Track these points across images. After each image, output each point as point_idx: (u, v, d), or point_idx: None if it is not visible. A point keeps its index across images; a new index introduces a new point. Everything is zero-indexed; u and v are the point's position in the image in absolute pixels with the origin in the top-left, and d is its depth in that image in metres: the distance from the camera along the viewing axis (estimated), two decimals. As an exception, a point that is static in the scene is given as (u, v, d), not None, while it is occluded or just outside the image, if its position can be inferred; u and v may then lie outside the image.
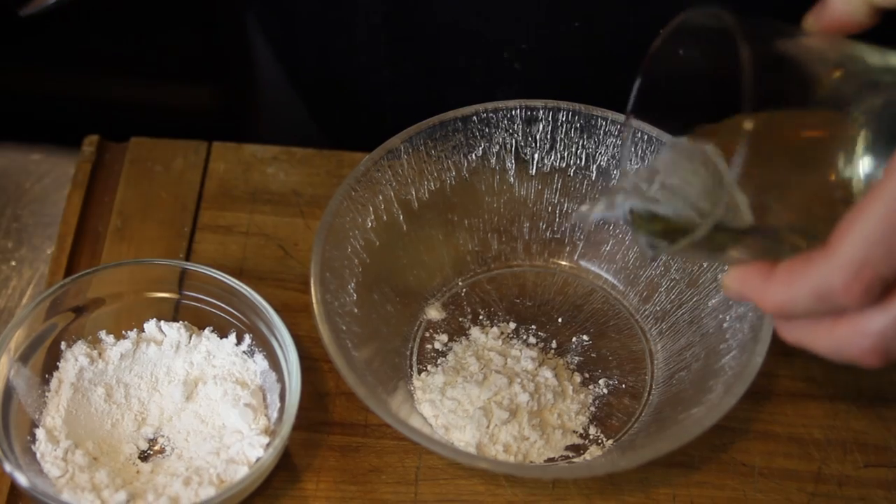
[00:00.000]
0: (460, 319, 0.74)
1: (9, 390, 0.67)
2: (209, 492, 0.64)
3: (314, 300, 0.65)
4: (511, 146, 0.74)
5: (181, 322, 0.71)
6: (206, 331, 0.71)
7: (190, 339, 0.71)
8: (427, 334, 0.73)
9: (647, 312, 0.74)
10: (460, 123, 0.72)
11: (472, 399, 0.69)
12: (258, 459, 0.66)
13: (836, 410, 0.71)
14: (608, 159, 0.73)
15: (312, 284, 0.66)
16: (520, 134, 0.73)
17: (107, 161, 0.81)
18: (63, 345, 0.70)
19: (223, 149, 0.82)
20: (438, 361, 0.72)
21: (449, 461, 0.68)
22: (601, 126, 0.72)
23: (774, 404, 0.71)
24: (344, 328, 0.67)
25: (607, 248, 0.75)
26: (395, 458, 0.69)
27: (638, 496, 0.68)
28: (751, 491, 0.68)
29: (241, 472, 0.65)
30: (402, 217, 0.73)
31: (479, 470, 0.68)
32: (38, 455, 0.66)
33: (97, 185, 0.80)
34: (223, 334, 0.71)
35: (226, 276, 0.70)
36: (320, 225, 0.68)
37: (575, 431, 0.69)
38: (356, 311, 0.69)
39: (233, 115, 0.94)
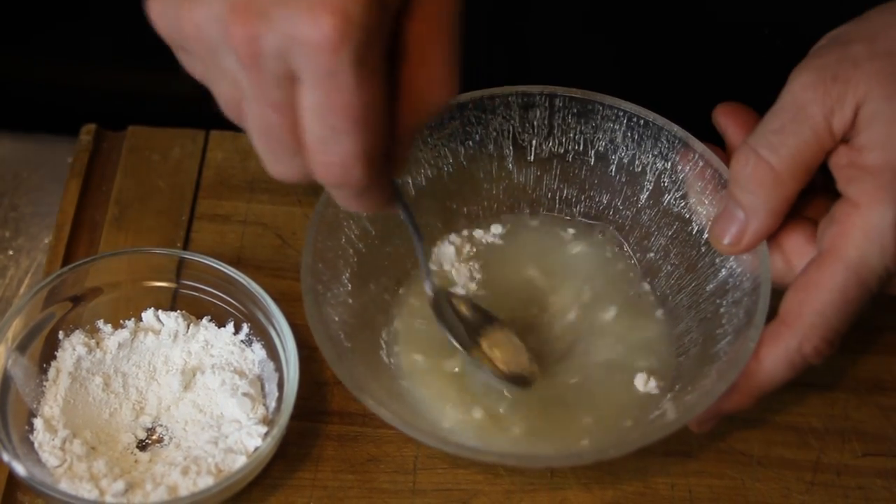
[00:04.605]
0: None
1: (6, 380, 0.66)
2: (207, 481, 0.64)
3: (303, 291, 0.65)
4: (508, 132, 0.73)
5: (179, 311, 0.71)
6: (204, 320, 0.71)
7: (188, 328, 0.71)
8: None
9: None
10: (456, 111, 0.72)
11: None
12: (256, 449, 0.66)
13: (834, 399, 0.71)
14: (606, 144, 0.73)
15: (302, 275, 0.65)
16: (517, 120, 0.73)
17: (104, 150, 0.81)
18: (61, 334, 0.70)
19: (221, 137, 0.82)
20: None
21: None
22: (598, 111, 0.72)
23: (773, 393, 0.71)
24: (336, 318, 0.66)
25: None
26: (393, 448, 0.69)
27: (636, 485, 0.68)
28: (749, 480, 0.68)
29: (240, 461, 0.65)
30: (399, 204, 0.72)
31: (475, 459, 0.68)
32: (36, 444, 0.66)
33: (94, 175, 0.80)
34: (221, 323, 0.71)
35: (223, 265, 0.70)
36: (313, 215, 0.67)
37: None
38: (350, 301, 0.69)
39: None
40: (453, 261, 0.73)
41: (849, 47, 0.62)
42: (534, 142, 0.74)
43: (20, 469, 0.63)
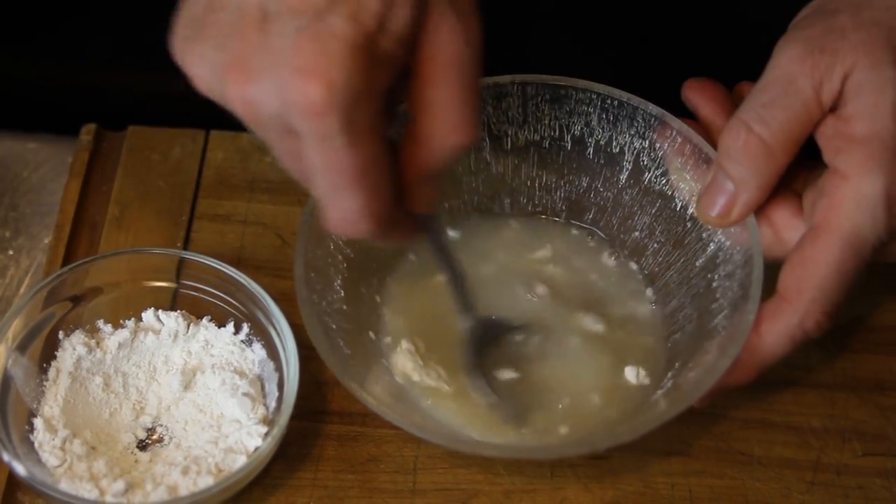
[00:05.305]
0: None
1: (6, 379, 0.66)
2: (207, 481, 0.64)
3: (300, 303, 0.65)
4: (483, 124, 0.73)
5: (179, 311, 0.71)
6: (204, 320, 0.71)
7: (188, 328, 0.71)
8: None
9: None
10: None
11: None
12: (256, 449, 0.66)
13: (834, 399, 0.71)
14: (581, 128, 0.73)
15: (297, 287, 0.65)
16: (491, 111, 0.73)
17: (104, 150, 0.81)
18: (61, 334, 0.70)
19: (221, 137, 0.82)
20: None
21: (447, 451, 0.68)
22: (571, 96, 0.72)
23: (773, 393, 0.71)
24: (334, 326, 0.66)
25: (590, 216, 0.75)
26: (393, 448, 0.69)
27: (636, 485, 0.68)
28: (749, 480, 0.68)
29: (240, 461, 0.65)
30: None
31: (479, 458, 0.68)
32: (36, 444, 0.66)
33: (95, 174, 0.80)
34: (221, 323, 0.71)
35: (223, 264, 0.70)
36: (300, 226, 0.67)
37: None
38: (345, 307, 0.69)
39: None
40: None
41: (834, 17, 0.63)
42: (509, 131, 0.74)
43: (20, 469, 0.63)
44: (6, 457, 0.63)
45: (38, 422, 0.67)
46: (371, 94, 0.52)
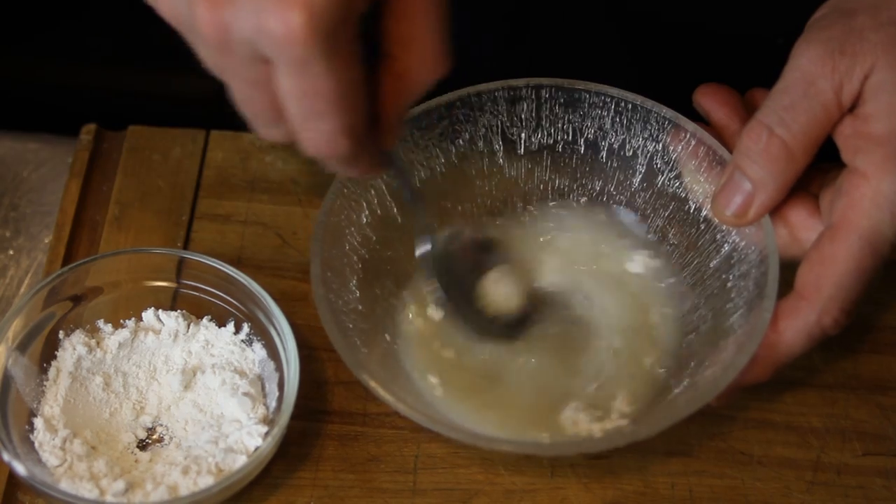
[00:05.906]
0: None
1: (7, 379, 0.66)
2: (207, 481, 0.64)
3: (317, 301, 0.65)
4: (497, 128, 0.73)
5: (179, 311, 0.71)
6: (205, 319, 0.71)
7: (188, 327, 0.71)
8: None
9: None
10: (444, 110, 0.72)
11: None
12: (257, 448, 0.66)
13: (834, 399, 0.71)
14: (595, 131, 0.73)
15: (314, 285, 0.65)
16: (504, 115, 0.73)
17: (104, 150, 0.81)
18: (61, 334, 0.70)
19: (221, 137, 0.82)
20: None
21: (448, 451, 0.68)
22: (585, 99, 0.72)
23: (773, 393, 0.71)
24: (350, 326, 0.66)
25: (603, 219, 0.75)
26: (393, 447, 0.69)
27: (636, 484, 0.68)
28: (749, 479, 0.68)
29: (240, 461, 0.65)
30: (395, 209, 0.72)
31: (479, 458, 0.68)
32: (37, 444, 0.66)
33: (95, 174, 0.80)
34: (221, 323, 0.71)
35: (224, 264, 0.70)
36: (316, 225, 0.67)
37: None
38: (360, 307, 0.69)
39: (231, 103, 0.94)
40: None
41: (853, 18, 0.63)
42: (523, 135, 0.74)
43: (20, 468, 0.63)
44: (6, 456, 0.63)
45: (38, 421, 0.67)
46: (350, 19, 0.52)
